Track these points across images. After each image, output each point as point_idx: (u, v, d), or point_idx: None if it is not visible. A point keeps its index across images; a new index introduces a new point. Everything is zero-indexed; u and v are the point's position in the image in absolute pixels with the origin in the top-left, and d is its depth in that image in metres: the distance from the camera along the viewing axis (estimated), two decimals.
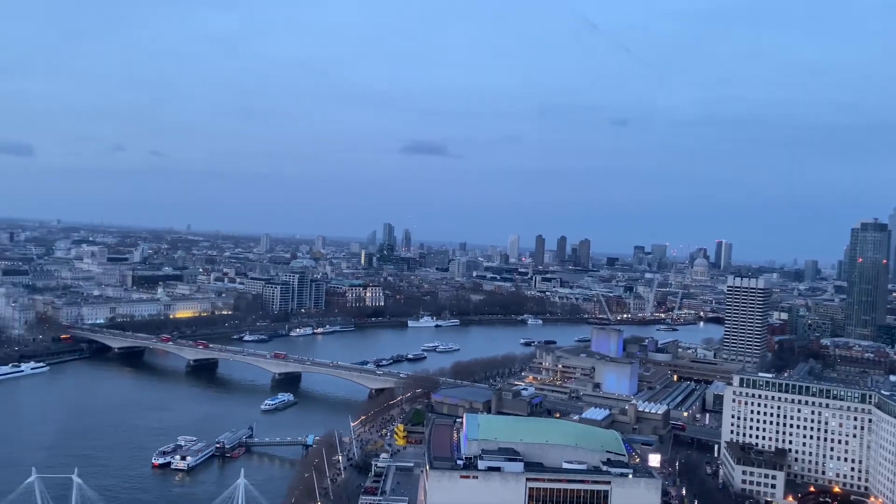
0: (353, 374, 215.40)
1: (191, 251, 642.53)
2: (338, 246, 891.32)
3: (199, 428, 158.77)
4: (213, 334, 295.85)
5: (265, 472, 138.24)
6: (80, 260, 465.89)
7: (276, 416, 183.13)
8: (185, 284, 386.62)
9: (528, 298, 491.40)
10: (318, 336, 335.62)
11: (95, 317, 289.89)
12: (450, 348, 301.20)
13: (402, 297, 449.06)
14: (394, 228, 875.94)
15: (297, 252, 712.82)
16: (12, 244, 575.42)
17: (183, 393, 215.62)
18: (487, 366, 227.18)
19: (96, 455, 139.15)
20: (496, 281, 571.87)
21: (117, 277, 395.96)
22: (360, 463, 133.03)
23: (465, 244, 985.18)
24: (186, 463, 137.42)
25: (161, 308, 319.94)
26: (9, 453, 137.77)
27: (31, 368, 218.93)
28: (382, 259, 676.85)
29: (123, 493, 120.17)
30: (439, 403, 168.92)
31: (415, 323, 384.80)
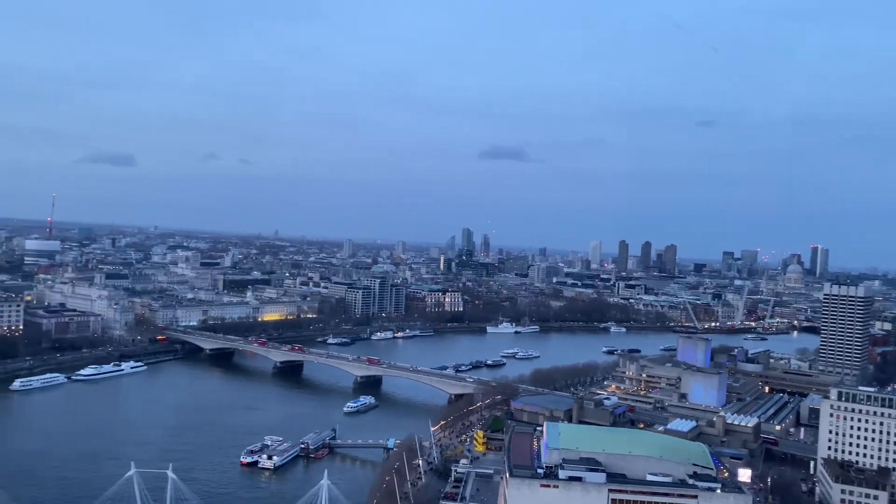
0: (433, 379, 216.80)
1: (278, 256, 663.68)
2: (417, 251, 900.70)
3: (285, 428, 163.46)
4: (299, 337, 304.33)
5: (348, 474, 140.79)
6: (175, 264, 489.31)
7: (358, 418, 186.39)
8: (273, 288, 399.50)
9: (610, 305, 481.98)
10: (399, 340, 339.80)
11: (189, 319, 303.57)
12: (529, 355, 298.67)
13: (481, 302, 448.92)
14: (473, 234, 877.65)
15: (378, 257, 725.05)
16: (114, 249, 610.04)
17: (269, 393, 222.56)
18: (568, 374, 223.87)
19: (189, 451, 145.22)
20: (577, 287, 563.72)
21: (209, 281, 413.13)
22: (440, 468, 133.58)
23: (546, 249, 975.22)
24: (273, 462, 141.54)
25: (250, 311, 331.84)
26: (109, 447, 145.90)
27: (130, 367, 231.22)
28: (461, 264, 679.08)
29: (214, 489, 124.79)
30: (519, 411, 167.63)
31: (494, 329, 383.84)
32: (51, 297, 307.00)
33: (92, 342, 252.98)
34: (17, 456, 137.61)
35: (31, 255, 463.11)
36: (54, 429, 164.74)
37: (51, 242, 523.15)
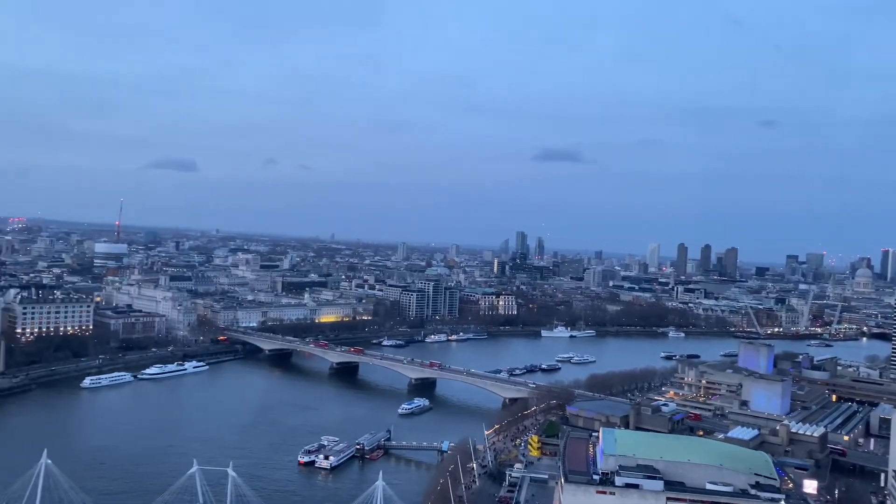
0: (487, 383, 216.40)
1: (334, 259, 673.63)
2: (471, 254, 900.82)
3: (341, 428, 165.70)
4: (354, 338, 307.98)
5: (402, 475, 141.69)
6: (235, 267, 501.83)
7: (413, 420, 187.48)
8: (329, 290, 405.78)
9: (668, 310, 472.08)
10: (452, 343, 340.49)
11: (249, 320, 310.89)
12: (585, 360, 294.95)
13: (535, 306, 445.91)
14: (527, 237, 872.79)
15: (432, 260, 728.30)
16: (178, 252, 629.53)
17: (326, 394, 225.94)
18: (625, 379, 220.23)
19: (249, 450, 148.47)
20: (634, 291, 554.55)
21: (268, 283, 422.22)
22: (494, 472, 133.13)
23: (601, 253, 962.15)
24: (329, 462, 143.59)
25: (307, 313, 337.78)
26: (173, 444, 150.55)
27: (193, 367, 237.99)
28: (515, 268, 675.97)
29: (272, 487, 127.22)
30: (574, 416, 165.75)
31: (548, 333, 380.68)
32: (118, 299, 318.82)
33: (157, 342, 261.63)
34: (88, 450, 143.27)
35: (101, 258, 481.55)
36: (121, 425, 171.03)
37: (119, 245, 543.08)
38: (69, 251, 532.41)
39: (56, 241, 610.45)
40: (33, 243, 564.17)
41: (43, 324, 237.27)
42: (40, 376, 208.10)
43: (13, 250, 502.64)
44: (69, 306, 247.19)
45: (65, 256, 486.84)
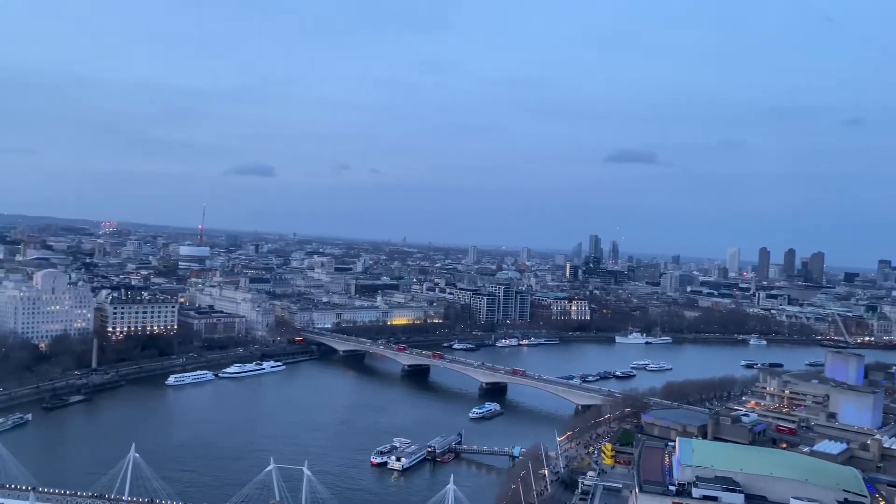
0: (559, 389, 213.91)
1: (406, 262, 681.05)
2: (542, 258, 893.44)
3: (412, 430, 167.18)
4: (425, 341, 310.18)
5: (473, 480, 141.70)
6: (311, 269, 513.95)
7: (484, 424, 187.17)
8: (401, 293, 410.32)
9: (749, 316, 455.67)
10: (523, 347, 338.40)
11: (324, 321, 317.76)
12: (661, 367, 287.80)
13: (609, 311, 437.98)
14: (600, 240, 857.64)
15: (502, 264, 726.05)
16: (257, 255, 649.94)
17: (397, 395, 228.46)
18: (703, 388, 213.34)
19: (323, 449, 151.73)
20: (713, 297, 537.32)
21: (342, 286, 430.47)
22: (566, 479, 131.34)
23: (679, 257, 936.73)
24: (401, 464, 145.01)
25: (379, 315, 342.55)
26: (250, 442, 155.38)
27: (270, 367, 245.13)
28: (588, 272, 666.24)
29: (345, 487, 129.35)
30: (649, 425, 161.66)
31: (622, 339, 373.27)
32: (201, 299, 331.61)
33: (237, 342, 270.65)
34: (172, 445, 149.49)
35: (185, 260, 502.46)
36: (203, 422, 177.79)
37: (201, 248, 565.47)
38: (156, 254, 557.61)
39: (144, 244, 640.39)
40: (123, 246, 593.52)
41: (131, 323, 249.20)
42: (129, 373, 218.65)
43: (105, 253, 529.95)
44: (155, 307, 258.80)
45: (152, 259, 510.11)
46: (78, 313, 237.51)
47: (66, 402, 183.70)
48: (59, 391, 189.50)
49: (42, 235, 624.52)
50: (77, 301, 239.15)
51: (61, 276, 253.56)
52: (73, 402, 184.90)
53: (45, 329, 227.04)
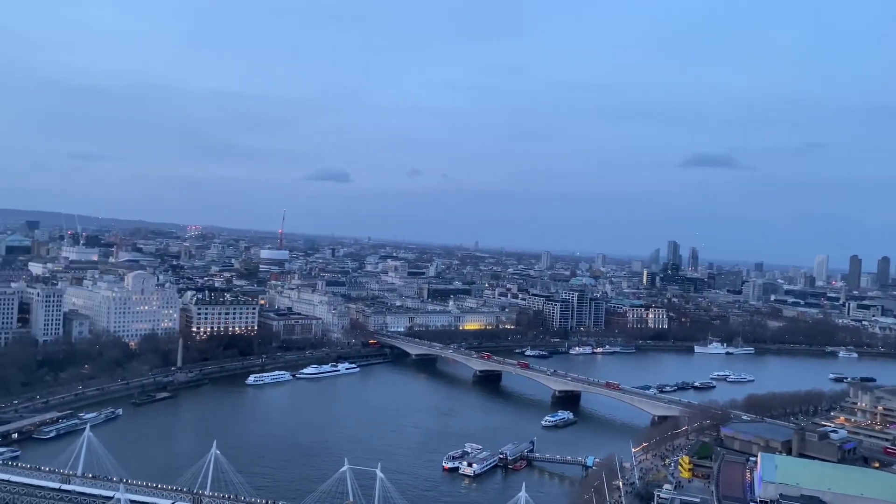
0: (635, 399, 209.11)
1: (478, 267, 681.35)
2: (618, 264, 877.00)
3: (483, 436, 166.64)
4: (497, 347, 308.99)
5: (545, 488, 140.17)
6: (385, 273, 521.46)
7: (556, 432, 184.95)
8: (473, 298, 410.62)
9: (838, 328, 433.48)
10: (598, 356, 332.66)
11: (397, 325, 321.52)
12: (742, 379, 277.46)
13: (688, 319, 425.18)
14: (679, 246, 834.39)
15: (576, 270, 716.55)
16: (333, 259, 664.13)
17: (469, 401, 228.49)
18: (787, 401, 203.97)
19: (395, 451, 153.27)
20: (799, 306, 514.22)
21: (415, 290, 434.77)
22: (641, 491, 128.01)
23: (762, 264, 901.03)
24: (473, 470, 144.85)
25: (451, 319, 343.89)
26: (325, 442, 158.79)
27: (345, 368, 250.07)
28: (666, 279, 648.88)
29: (417, 490, 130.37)
30: (729, 438, 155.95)
31: (702, 349, 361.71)
32: (280, 301, 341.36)
33: (313, 344, 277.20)
34: (251, 443, 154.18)
35: (265, 263, 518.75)
36: (281, 421, 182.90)
37: (281, 252, 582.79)
38: (238, 257, 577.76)
39: (227, 247, 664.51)
40: (207, 249, 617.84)
41: (214, 323, 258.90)
42: (211, 372, 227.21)
43: (190, 255, 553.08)
44: (237, 308, 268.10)
45: (234, 262, 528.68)
46: (165, 313, 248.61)
47: (154, 399, 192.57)
48: (147, 388, 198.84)
49: (133, 238, 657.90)
50: (164, 302, 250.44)
51: (150, 278, 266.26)
52: (159, 399, 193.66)
53: (134, 328, 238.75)
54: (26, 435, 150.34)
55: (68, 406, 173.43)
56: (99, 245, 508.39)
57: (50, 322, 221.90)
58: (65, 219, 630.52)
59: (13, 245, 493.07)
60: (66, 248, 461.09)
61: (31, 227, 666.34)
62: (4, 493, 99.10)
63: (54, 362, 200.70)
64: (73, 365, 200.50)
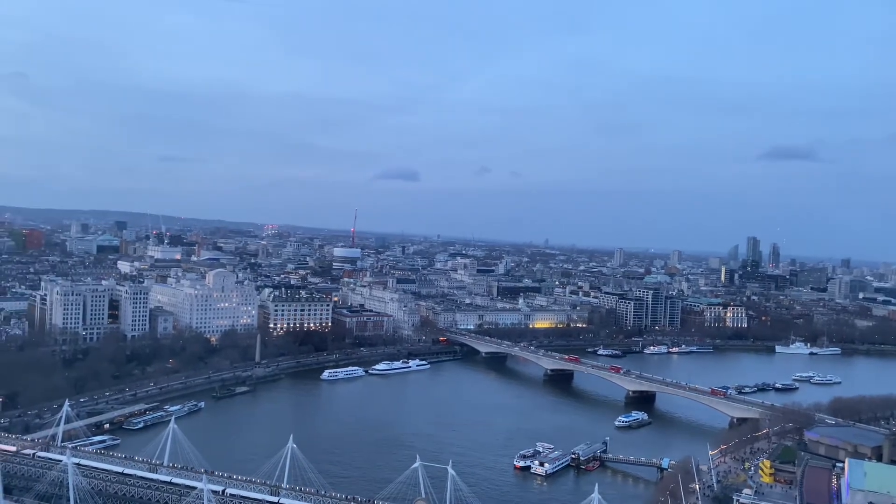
0: (713, 400, 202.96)
1: (548, 264, 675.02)
2: (695, 261, 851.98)
3: (555, 436, 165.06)
4: (568, 346, 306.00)
5: (619, 490, 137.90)
6: (454, 271, 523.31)
7: (630, 433, 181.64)
8: (543, 296, 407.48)
9: None
10: (674, 355, 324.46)
11: (467, 323, 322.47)
12: (828, 380, 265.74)
13: (769, 318, 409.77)
14: (759, 242, 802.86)
15: (651, 267, 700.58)
16: (404, 256, 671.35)
17: (540, 400, 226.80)
18: (877, 405, 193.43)
19: (466, 449, 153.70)
20: (890, 305, 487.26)
21: (484, 287, 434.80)
22: (720, 495, 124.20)
23: (849, 261, 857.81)
24: (545, 469, 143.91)
25: (521, 318, 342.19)
26: (397, 437, 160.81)
27: (416, 365, 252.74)
28: (745, 276, 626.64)
29: (489, 488, 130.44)
30: (814, 443, 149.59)
31: (784, 349, 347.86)
32: (352, 298, 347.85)
33: (385, 340, 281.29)
34: (326, 437, 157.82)
35: (338, 261, 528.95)
36: (354, 416, 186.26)
37: (353, 250, 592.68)
38: (312, 255, 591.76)
39: (301, 245, 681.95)
40: (283, 247, 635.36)
41: (290, 320, 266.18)
42: (288, 367, 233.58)
43: (267, 254, 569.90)
44: (312, 305, 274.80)
45: (308, 259, 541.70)
46: (244, 310, 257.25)
47: (233, 393, 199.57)
48: (227, 382, 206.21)
49: (213, 237, 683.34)
50: (243, 299, 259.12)
51: (230, 276, 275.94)
52: (239, 393, 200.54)
53: (215, 324, 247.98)
54: (117, 425, 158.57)
55: (154, 398, 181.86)
56: (182, 244, 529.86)
57: (137, 318, 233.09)
58: (150, 219, 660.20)
59: (104, 244, 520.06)
60: (151, 248, 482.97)
61: (119, 227, 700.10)
62: (98, 480, 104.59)
63: (142, 356, 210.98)
64: (158, 359, 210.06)
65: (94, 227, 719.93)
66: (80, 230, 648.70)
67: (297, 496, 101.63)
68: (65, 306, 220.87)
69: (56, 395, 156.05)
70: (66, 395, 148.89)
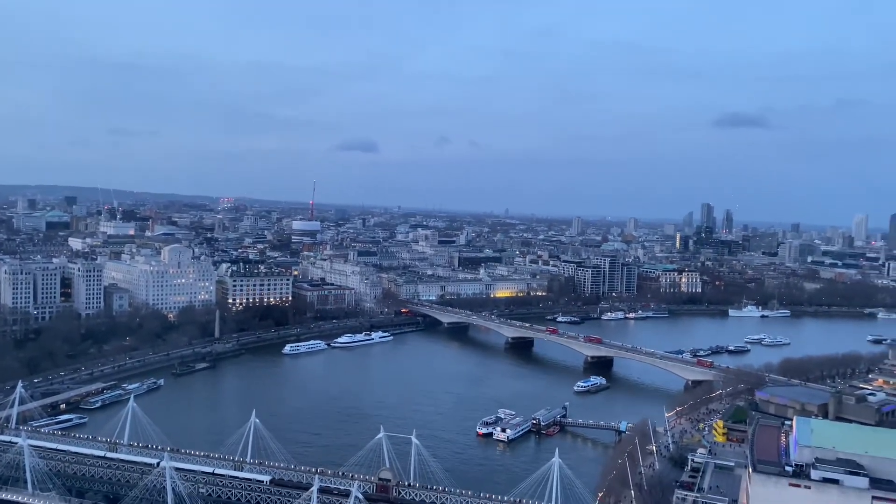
0: (668, 364, 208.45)
1: (508, 234, 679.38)
2: (650, 228, 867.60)
3: (516, 402, 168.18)
4: (528, 314, 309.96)
5: (578, 453, 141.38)
6: (416, 242, 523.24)
7: (589, 398, 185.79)
8: (504, 266, 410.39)
9: (878, 288, 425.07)
10: (630, 321, 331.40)
11: (429, 294, 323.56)
12: (778, 342, 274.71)
13: (722, 283, 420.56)
14: (713, 209, 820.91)
15: (608, 235, 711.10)
16: (364, 228, 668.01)
17: (501, 367, 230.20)
18: (824, 364, 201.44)
19: (429, 418, 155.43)
20: (837, 267, 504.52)
21: (446, 258, 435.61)
22: (675, 456, 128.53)
23: (798, 225, 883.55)
24: (507, 435, 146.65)
25: (482, 288, 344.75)
26: (361, 408, 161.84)
27: (379, 337, 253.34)
28: (699, 242, 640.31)
29: (452, 455, 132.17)
30: (765, 402, 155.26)
31: (736, 312, 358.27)
32: (313, 272, 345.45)
33: (346, 313, 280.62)
34: (288, 411, 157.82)
35: (297, 234, 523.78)
36: (317, 389, 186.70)
37: (312, 223, 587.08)
38: (270, 228, 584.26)
39: (259, 219, 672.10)
40: (240, 221, 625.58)
41: (250, 295, 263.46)
42: (248, 342, 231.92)
43: (224, 228, 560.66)
44: (271, 279, 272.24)
45: (267, 233, 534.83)
46: (201, 286, 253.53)
47: (193, 369, 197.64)
48: (187, 358, 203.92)
49: (167, 212, 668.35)
50: (200, 274, 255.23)
51: (186, 251, 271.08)
52: (199, 369, 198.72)
53: (172, 301, 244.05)
54: (74, 405, 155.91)
55: (112, 377, 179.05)
56: (135, 219, 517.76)
57: (91, 296, 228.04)
58: (101, 194, 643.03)
59: (53, 221, 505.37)
60: (103, 223, 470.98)
61: (69, 202, 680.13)
62: (55, 461, 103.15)
63: (97, 335, 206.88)
64: (115, 337, 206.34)
65: (43, 202, 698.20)
66: (28, 206, 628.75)
67: (262, 470, 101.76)
68: (14, 285, 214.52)
69: (8, 376, 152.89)
70: (19, 376, 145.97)
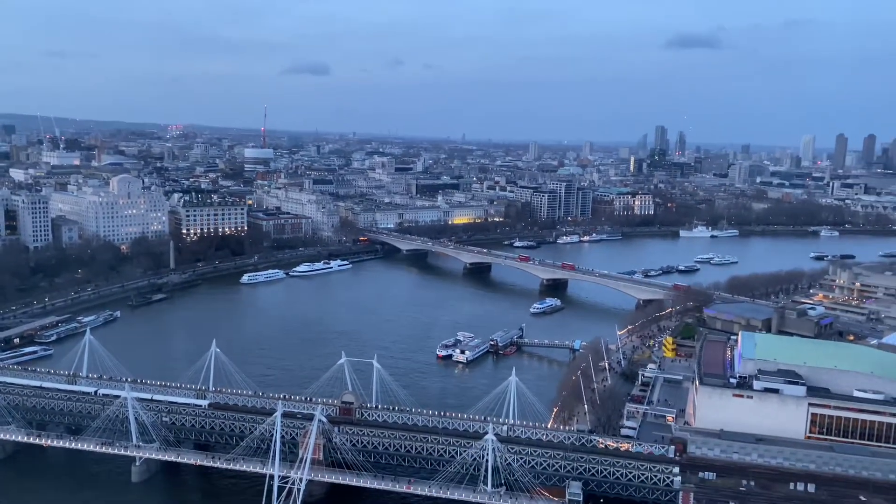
0: (620, 284, 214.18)
1: (465, 160, 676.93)
2: (606, 152, 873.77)
3: (475, 325, 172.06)
4: (486, 240, 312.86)
5: (534, 372, 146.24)
6: (372, 170, 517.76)
7: (544, 319, 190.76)
8: (461, 193, 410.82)
9: (822, 207, 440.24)
10: (585, 244, 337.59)
11: (387, 222, 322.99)
12: (726, 261, 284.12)
13: (674, 205, 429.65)
14: (666, 131, 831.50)
15: (564, 160, 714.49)
16: (319, 156, 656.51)
17: (460, 292, 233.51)
18: (769, 281, 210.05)
19: (390, 343, 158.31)
20: (784, 188, 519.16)
21: (403, 186, 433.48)
22: (627, 371, 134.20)
23: (749, 146, 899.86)
24: (465, 357, 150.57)
25: (440, 214, 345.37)
26: (322, 335, 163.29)
27: (337, 265, 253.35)
28: (653, 165, 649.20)
29: (413, 378, 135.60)
30: (712, 318, 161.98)
31: (687, 233, 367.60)
32: (268, 201, 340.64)
33: (304, 242, 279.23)
34: (249, 339, 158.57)
35: (250, 163, 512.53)
36: (277, 317, 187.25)
37: (265, 150, 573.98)
38: (222, 156, 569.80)
39: (210, 147, 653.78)
40: (190, 150, 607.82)
41: (204, 225, 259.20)
42: (205, 273, 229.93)
43: (174, 156, 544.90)
44: (226, 209, 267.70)
45: (218, 161, 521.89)
46: (153, 216, 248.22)
47: (150, 300, 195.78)
48: (143, 290, 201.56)
49: (113, 140, 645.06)
50: (152, 205, 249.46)
51: (135, 182, 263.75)
52: (155, 300, 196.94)
53: (124, 232, 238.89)
54: (28, 340, 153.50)
55: (66, 310, 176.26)
56: (80, 149, 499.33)
57: (38, 229, 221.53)
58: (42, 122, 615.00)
59: None
60: (46, 153, 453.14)
61: (7, 131, 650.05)
62: (15, 395, 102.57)
63: (48, 268, 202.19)
64: (66, 270, 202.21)
65: None
66: None
67: (225, 398, 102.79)
68: None
69: None
70: None
